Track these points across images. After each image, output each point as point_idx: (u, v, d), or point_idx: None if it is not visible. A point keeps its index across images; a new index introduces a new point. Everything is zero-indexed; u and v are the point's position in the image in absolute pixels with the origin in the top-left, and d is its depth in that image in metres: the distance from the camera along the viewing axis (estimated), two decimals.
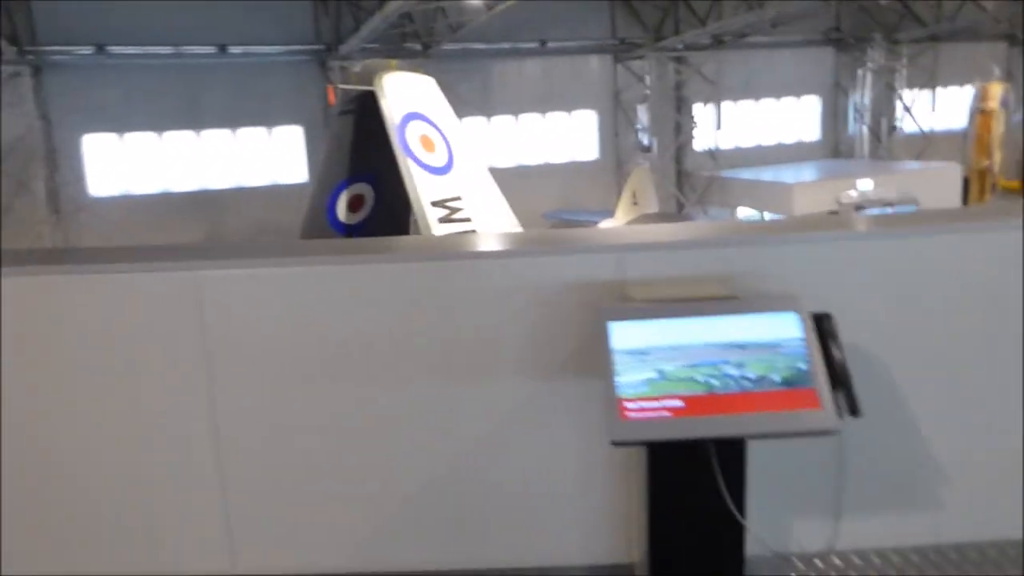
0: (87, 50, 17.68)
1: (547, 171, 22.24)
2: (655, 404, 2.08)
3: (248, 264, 2.53)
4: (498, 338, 2.51)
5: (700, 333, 2.20)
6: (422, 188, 8.21)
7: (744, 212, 22.00)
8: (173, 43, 18.28)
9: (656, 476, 2.28)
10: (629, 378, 2.12)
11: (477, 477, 2.61)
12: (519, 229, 9.24)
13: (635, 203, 18.75)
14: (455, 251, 2.80)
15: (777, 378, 2.13)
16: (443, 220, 8.34)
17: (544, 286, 2.47)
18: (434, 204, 8.34)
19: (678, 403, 2.09)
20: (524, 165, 21.73)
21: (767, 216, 21.34)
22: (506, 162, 20.54)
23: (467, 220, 8.59)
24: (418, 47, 19.25)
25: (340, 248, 3.22)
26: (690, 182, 23.58)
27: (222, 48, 18.67)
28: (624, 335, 2.19)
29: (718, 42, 22.32)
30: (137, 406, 2.53)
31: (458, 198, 8.58)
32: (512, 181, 9.08)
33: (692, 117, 23.53)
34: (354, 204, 9.17)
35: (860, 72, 25.09)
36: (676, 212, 22.68)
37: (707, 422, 2.07)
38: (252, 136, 19.78)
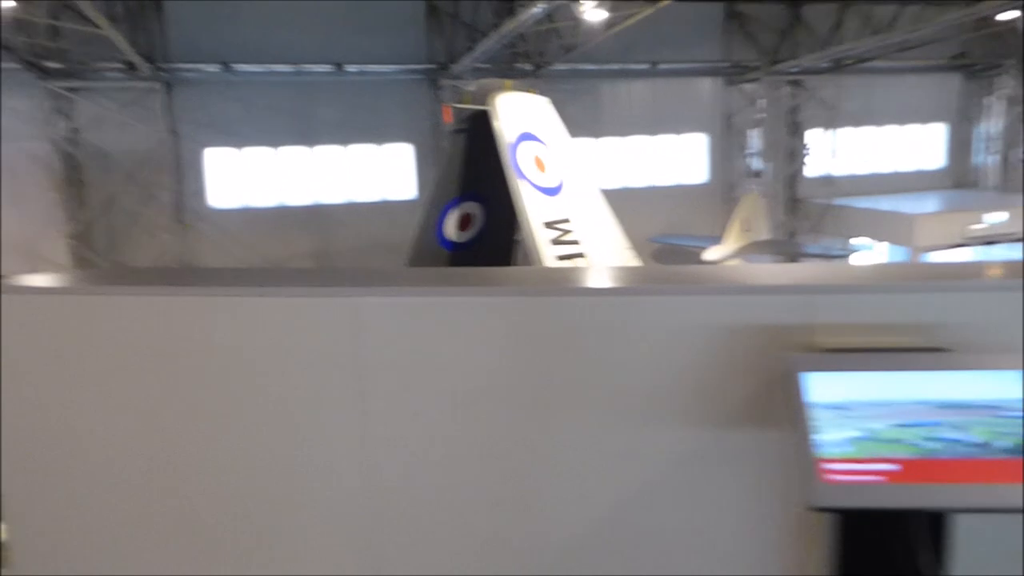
0: (214, 67, 18.47)
1: (654, 194, 21.88)
2: (863, 467, 1.84)
3: (406, 292, 2.43)
4: (666, 380, 2.30)
5: (910, 389, 1.94)
6: (534, 209, 8.12)
7: (859, 242, 21.13)
8: (293, 61, 18.89)
9: (847, 544, 2.03)
10: (829, 436, 1.88)
11: (632, 527, 2.40)
12: (628, 252, 9.04)
13: (746, 230, 18.26)
14: (622, 286, 2.60)
15: (1007, 445, 1.85)
16: (554, 242, 8.23)
17: (720, 327, 2.25)
18: (546, 225, 8.24)
19: (891, 467, 1.84)
20: (630, 187, 21.45)
21: (884, 247, 20.42)
22: (612, 184, 20.33)
23: (576, 242, 8.47)
24: (528, 67, 19.31)
25: (501, 278, 3.08)
26: (803, 209, 22.79)
27: (338, 66, 19.19)
28: (821, 387, 1.96)
29: (838, 66, 21.57)
30: (290, 426, 2.47)
31: (567, 220, 8.46)
32: (618, 203, 8.90)
33: (805, 142, 22.81)
34: (463, 222, 9.19)
35: (989, 100, 23.84)
36: (787, 240, 21.94)
37: (927, 491, 1.81)
38: (363, 152, 20.20)
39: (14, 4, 13.93)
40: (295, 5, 18.54)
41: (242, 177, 19.53)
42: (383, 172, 20.35)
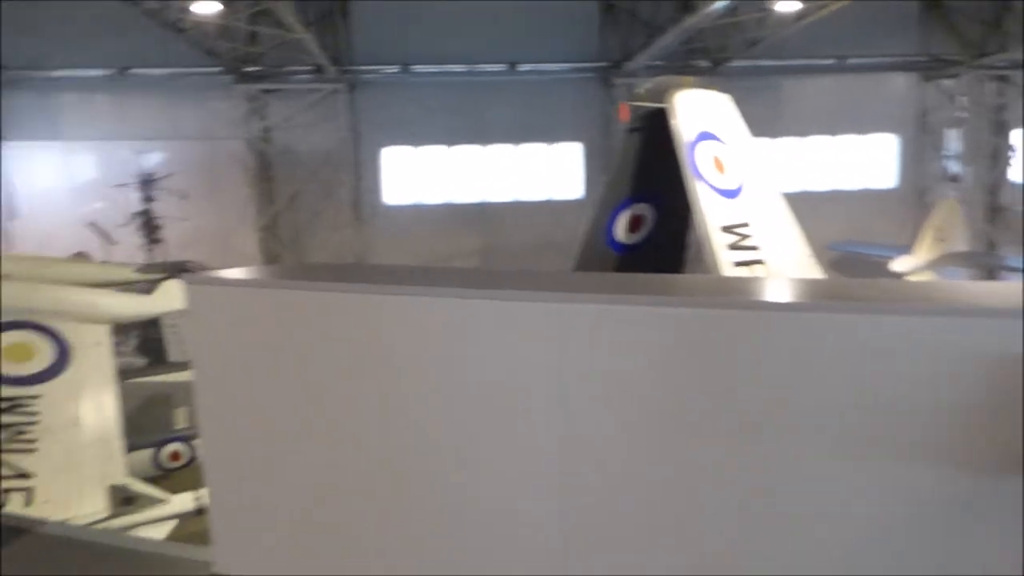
0: (393, 68, 19.20)
1: (835, 198, 20.57)
2: None
3: (614, 300, 2.24)
4: (906, 411, 1.98)
5: None
6: (711, 212, 7.74)
7: None
8: (468, 62, 19.30)
9: None
10: None
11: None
12: (811, 260, 8.47)
13: (940, 239, 16.80)
14: (859, 303, 2.24)
15: None
16: (731, 247, 7.83)
17: (973, 354, 1.91)
18: (724, 229, 7.86)
19: None
20: (808, 191, 20.28)
21: None
22: (790, 186, 19.31)
23: (755, 248, 8.02)
24: (705, 64, 18.69)
25: (718, 288, 2.84)
26: (1006, 218, 20.69)
27: (512, 66, 19.41)
28: None
29: None
30: (489, 431, 2.38)
31: (746, 224, 8.04)
32: (795, 207, 8.38)
33: (1011, 144, 20.69)
34: (634, 224, 8.93)
35: None
36: (987, 252, 20.00)
37: None
38: (534, 151, 20.33)
39: (220, 8, 15.03)
40: (471, 6, 18.94)
41: (415, 175, 20.18)
42: (551, 171, 20.41)
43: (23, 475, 7.12)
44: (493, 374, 2.37)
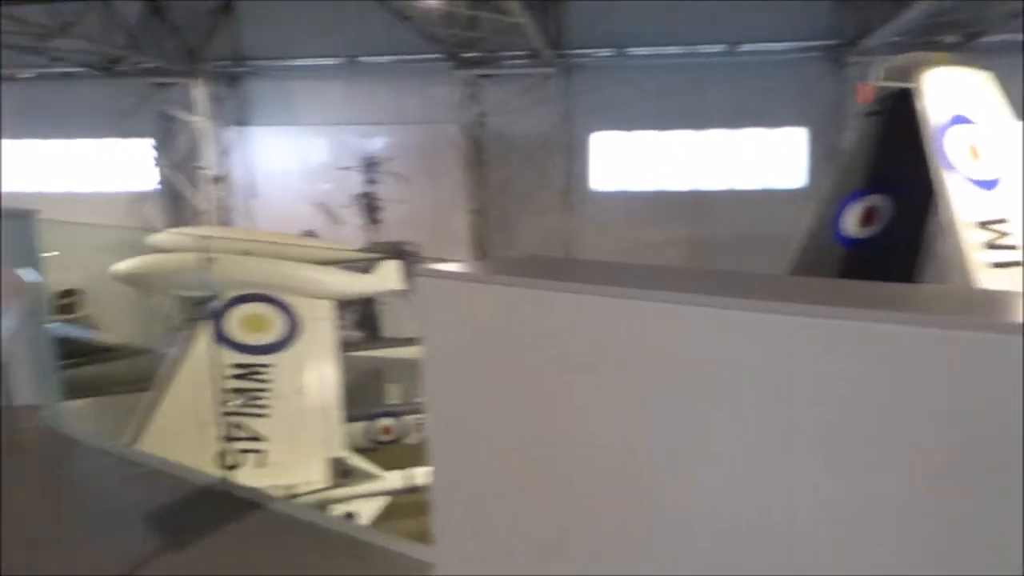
0: (607, 52, 18.92)
1: None
2: None
3: (891, 318, 1.88)
4: None
5: None
6: (964, 206, 6.88)
7: None
8: (685, 43, 18.62)
9: None
10: None
11: None
12: None
13: None
14: None
15: None
16: (988, 245, 6.95)
17: None
18: (980, 225, 6.97)
19: None
20: None
21: None
22: None
23: (1015, 248, 7.08)
24: (953, 39, 16.80)
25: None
26: None
27: (732, 46, 18.50)
28: None
29: None
30: (715, 446, 2.13)
31: (1005, 220, 7.09)
32: None
33: None
34: (867, 217, 8.19)
35: None
36: None
37: None
38: (752, 137, 19.29)
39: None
40: None
41: (624, 160, 19.81)
42: (770, 158, 19.28)
43: (257, 439, 7.65)
44: (730, 390, 2.11)
